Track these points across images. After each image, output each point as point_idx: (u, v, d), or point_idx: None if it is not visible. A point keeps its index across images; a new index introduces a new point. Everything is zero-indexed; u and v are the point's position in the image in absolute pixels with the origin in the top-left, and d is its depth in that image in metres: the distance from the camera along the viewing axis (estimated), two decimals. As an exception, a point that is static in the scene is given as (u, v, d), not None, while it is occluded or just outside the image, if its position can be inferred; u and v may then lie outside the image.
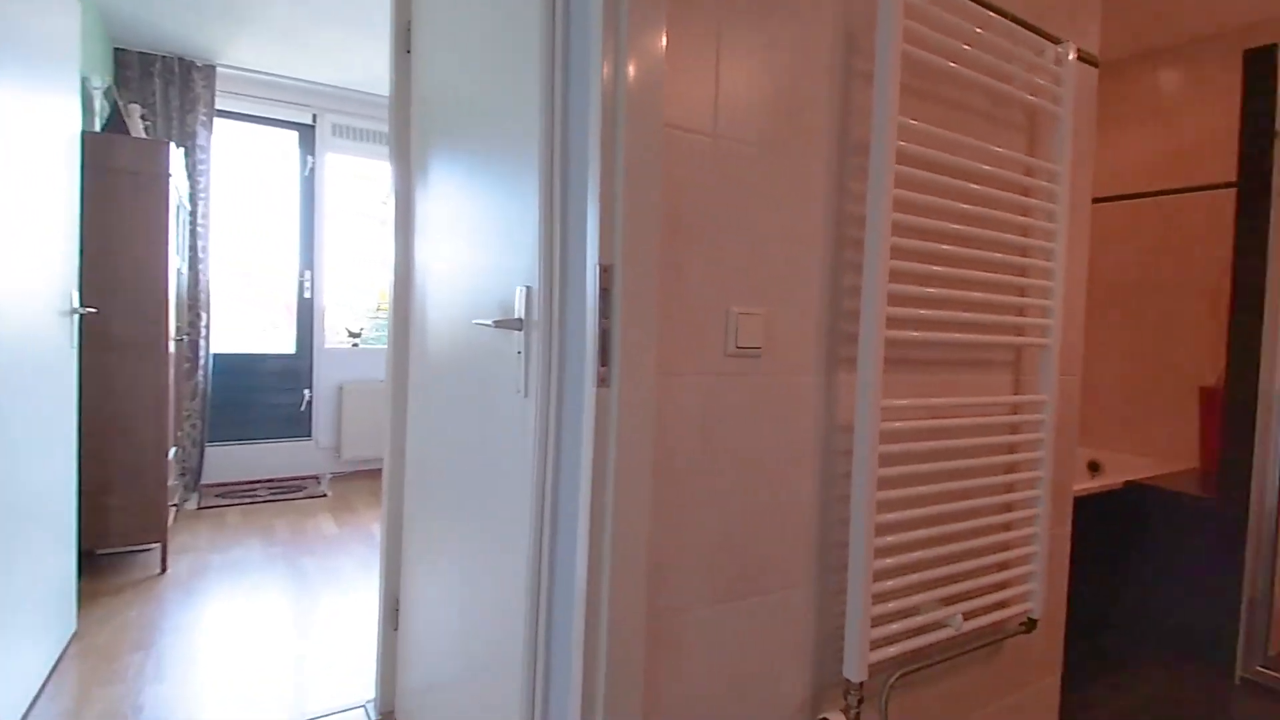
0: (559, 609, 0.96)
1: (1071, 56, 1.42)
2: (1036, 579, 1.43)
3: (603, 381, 0.84)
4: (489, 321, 1.02)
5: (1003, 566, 1.42)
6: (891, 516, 1.17)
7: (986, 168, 1.30)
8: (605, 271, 0.84)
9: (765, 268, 1.08)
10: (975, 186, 1.28)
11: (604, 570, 0.85)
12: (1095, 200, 2.78)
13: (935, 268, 1.23)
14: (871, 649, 1.16)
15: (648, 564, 0.92)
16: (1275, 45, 2.05)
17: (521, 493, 1.01)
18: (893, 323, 1.23)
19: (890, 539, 1.17)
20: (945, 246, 1.24)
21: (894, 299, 1.23)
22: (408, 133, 1.72)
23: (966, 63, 1.27)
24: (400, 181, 1.73)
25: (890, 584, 1.18)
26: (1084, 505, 2.18)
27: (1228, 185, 2.65)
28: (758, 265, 1.07)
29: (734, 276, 1.04)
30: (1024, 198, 1.38)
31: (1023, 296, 1.44)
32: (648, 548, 0.90)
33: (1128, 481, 2.38)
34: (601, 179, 0.84)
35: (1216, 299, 2.69)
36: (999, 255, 1.34)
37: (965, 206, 1.26)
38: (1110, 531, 2.37)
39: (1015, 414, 1.46)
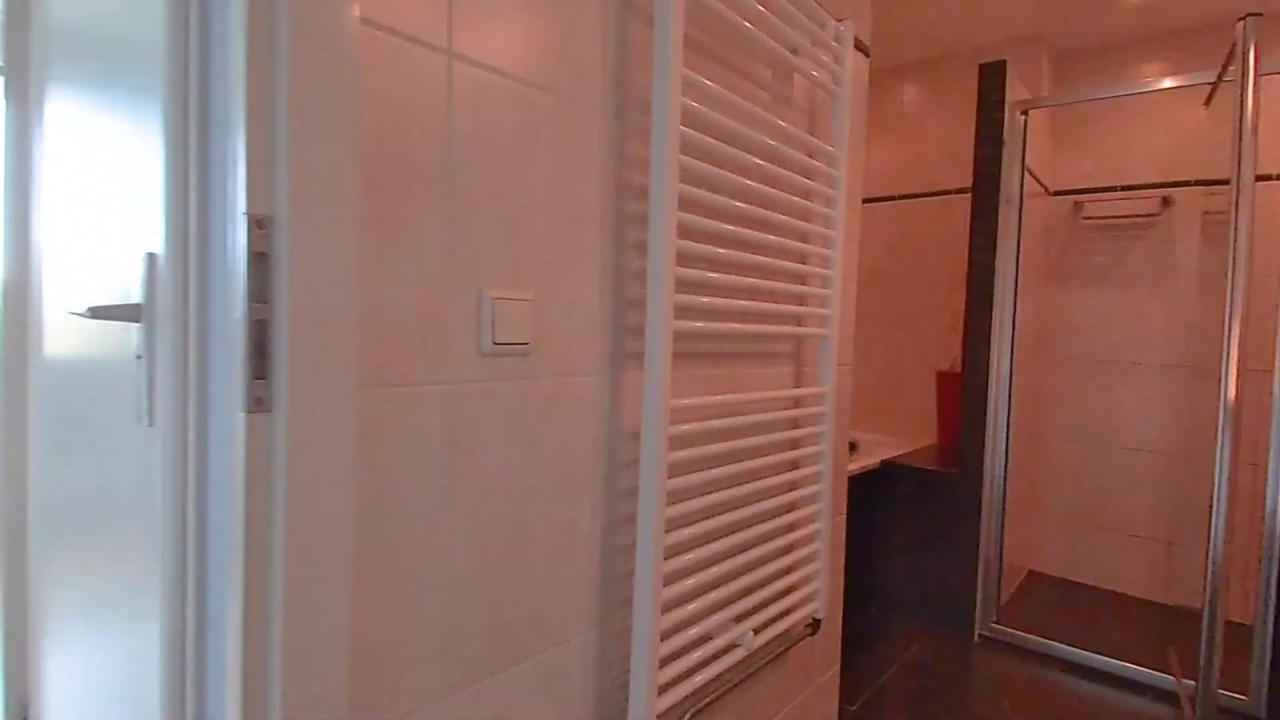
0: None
1: (851, 38, 1.36)
2: (821, 576, 1.37)
3: (259, 404, 0.54)
4: (84, 310, 0.66)
5: (789, 569, 1.33)
6: (682, 534, 1.00)
7: (773, 143, 1.18)
8: (260, 227, 0.53)
9: (533, 241, 0.84)
10: (763, 163, 1.15)
11: (271, 691, 0.56)
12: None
13: (724, 251, 1.07)
14: (661, 693, 0.98)
15: (354, 662, 0.64)
16: (1005, 61, 2.25)
17: (148, 575, 0.67)
18: (681, 312, 1.05)
19: (680, 560, 1.00)
20: (733, 228, 1.09)
21: (682, 286, 1.06)
22: (26, 73, 1.22)
23: (752, 18, 1.13)
24: (16, 131, 1.22)
25: (681, 613, 1.01)
26: (848, 485, 2.27)
27: (961, 191, 2.94)
28: (522, 237, 0.82)
29: (490, 250, 0.79)
30: (807, 181, 1.29)
31: (804, 285, 1.36)
32: (350, 641, 0.62)
33: (884, 460, 2.53)
34: (251, 82, 0.53)
35: (951, 292, 2.98)
36: (784, 241, 1.23)
37: (753, 184, 1.13)
38: (869, 508, 2.51)
39: (798, 408, 1.39)
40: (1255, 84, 1.48)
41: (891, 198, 3.17)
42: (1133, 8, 2.48)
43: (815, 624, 1.37)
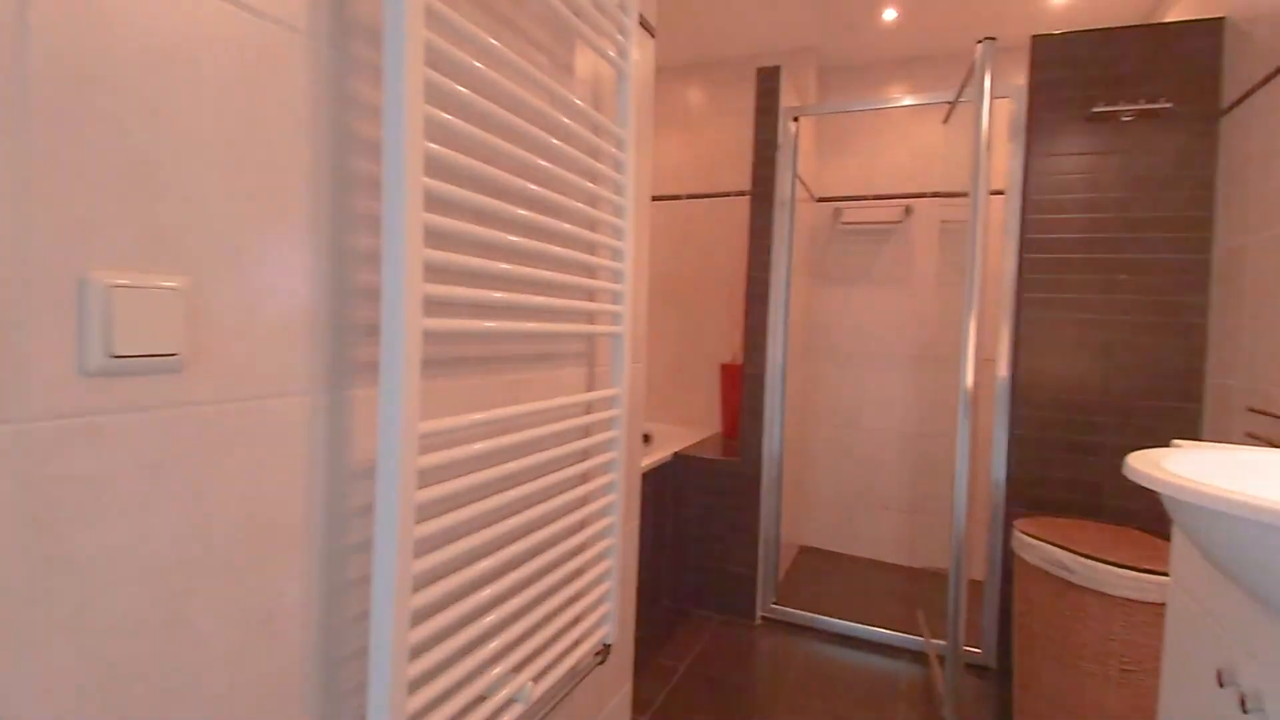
0: None
1: (636, 11, 1.23)
2: (613, 596, 1.24)
3: None
4: None
5: (577, 596, 1.18)
6: (434, 591, 0.79)
7: (553, 113, 1.00)
8: None
9: (190, 201, 0.57)
10: (540, 133, 0.97)
11: None
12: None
13: (496, 233, 0.88)
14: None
15: None
16: (779, 67, 2.30)
17: None
18: (438, 308, 0.84)
19: (434, 623, 0.79)
20: (504, 205, 0.89)
21: (437, 274, 0.84)
22: None
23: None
24: None
25: (433, 689, 0.80)
26: (643, 480, 2.20)
27: (742, 193, 3.02)
28: (170, 194, 0.56)
29: (107, 211, 0.51)
30: (594, 162, 1.14)
31: (594, 279, 1.21)
32: None
33: (676, 453, 2.51)
34: None
35: (732, 289, 3.07)
36: (570, 228, 1.06)
37: (529, 157, 0.94)
38: (661, 501, 2.48)
39: (590, 413, 1.24)
40: (991, 103, 1.63)
41: (678, 197, 3.18)
42: (885, 30, 2.70)
43: (606, 649, 1.24)
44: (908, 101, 2.30)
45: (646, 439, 3.11)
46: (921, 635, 2.22)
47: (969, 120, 2.71)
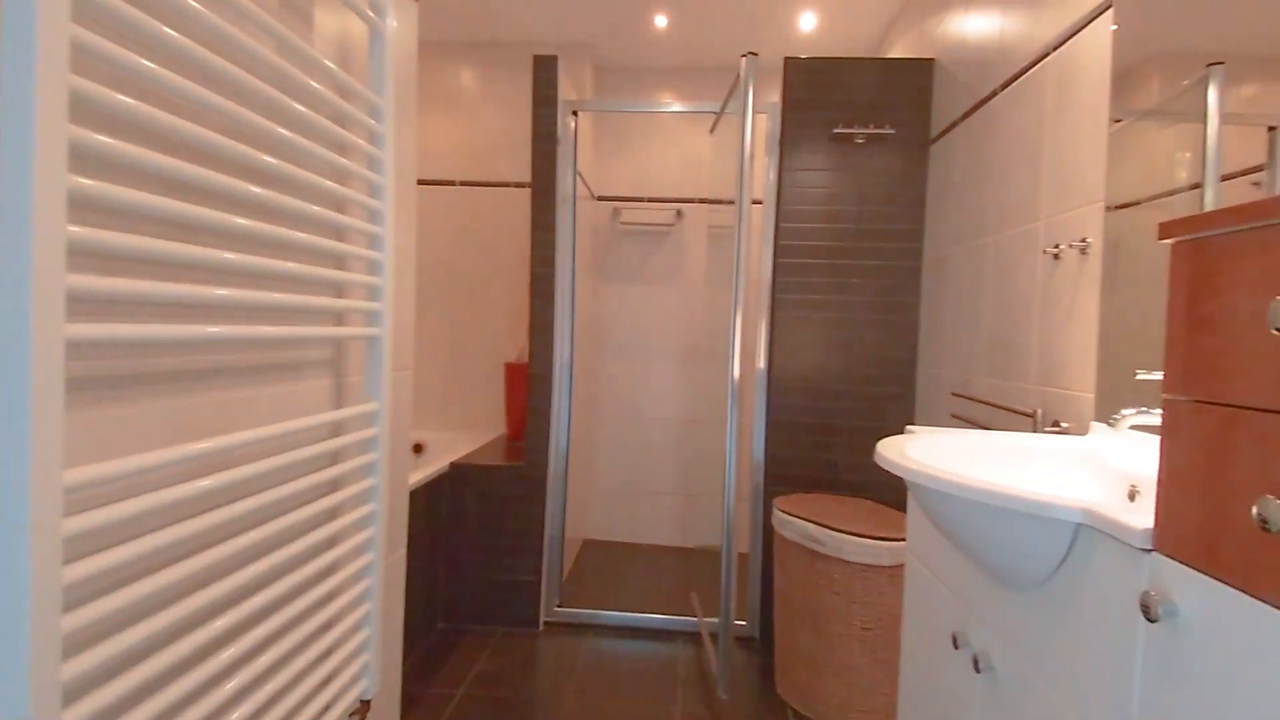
0: None
1: (394, -42, 1.05)
2: (372, 645, 1.06)
3: None
4: None
5: (327, 653, 0.98)
6: (111, 691, 0.57)
7: (285, 64, 0.80)
8: None
9: None
10: (263, 86, 0.76)
11: None
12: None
13: (196, 208, 0.66)
14: None
15: None
16: (557, 57, 2.22)
17: None
18: (85, 310, 0.61)
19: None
20: (209, 173, 0.68)
21: (95, 260, 0.61)
22: None
23: None
24: None
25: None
26: (415, 496, 1.99)
27: (522, 185, 2.90)
28: None
29: None
30: (342, 131, 0.95)
31: (343, 271, 1.02)
32: None
33: (452, 463, 2.32)
34: None
35: (516, 284, 2.93)
36: (314, 208, 0.86)
37: (249, 115, 0.73)
38: (436, 516, 2.28)
39: (341, 435, 1.04)
40: (753, 117, 1.71)
41: (453, 182, 2.96)
42: (657, 36, 2.76)
43: (366, 706, 1.06)
44: (677, 108, 2.36)
45: (418, 449, 2.86)
46: (696, 615, 2.31)
47: (733, 131, 2.88)
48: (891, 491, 2.16)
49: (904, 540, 1.48)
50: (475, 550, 2.32)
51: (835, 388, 2.25)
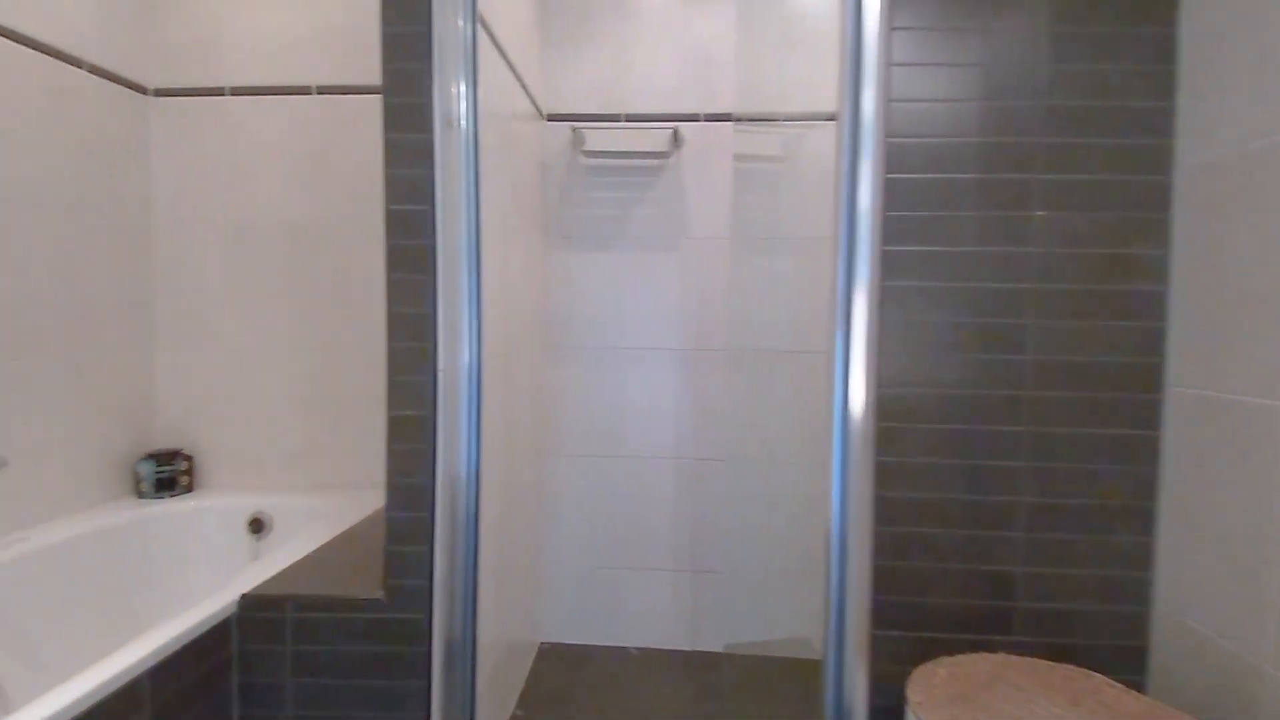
0: None
1: None
2: None
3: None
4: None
5: None
6: None
7: None
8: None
9: None
10: None
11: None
12: None
13: None
14: None
15: None
16: None
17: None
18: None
19: None
20: None
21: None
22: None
23: None
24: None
25: None
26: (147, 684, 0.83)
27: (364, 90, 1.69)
28: None
29: None
30: None
31: None
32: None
33: (243, 596, 1.15)
34: None
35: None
36: None
37: None
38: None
39: None
40: None
41: (308, 89, 1.76)
42: None
43: None
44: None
45: (257, 526, 1.68)
46: None
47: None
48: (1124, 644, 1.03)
49: None
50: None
51: (1000, 427, 1.11)
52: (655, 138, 1.89)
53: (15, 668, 1.22)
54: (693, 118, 1.88)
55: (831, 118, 1.73)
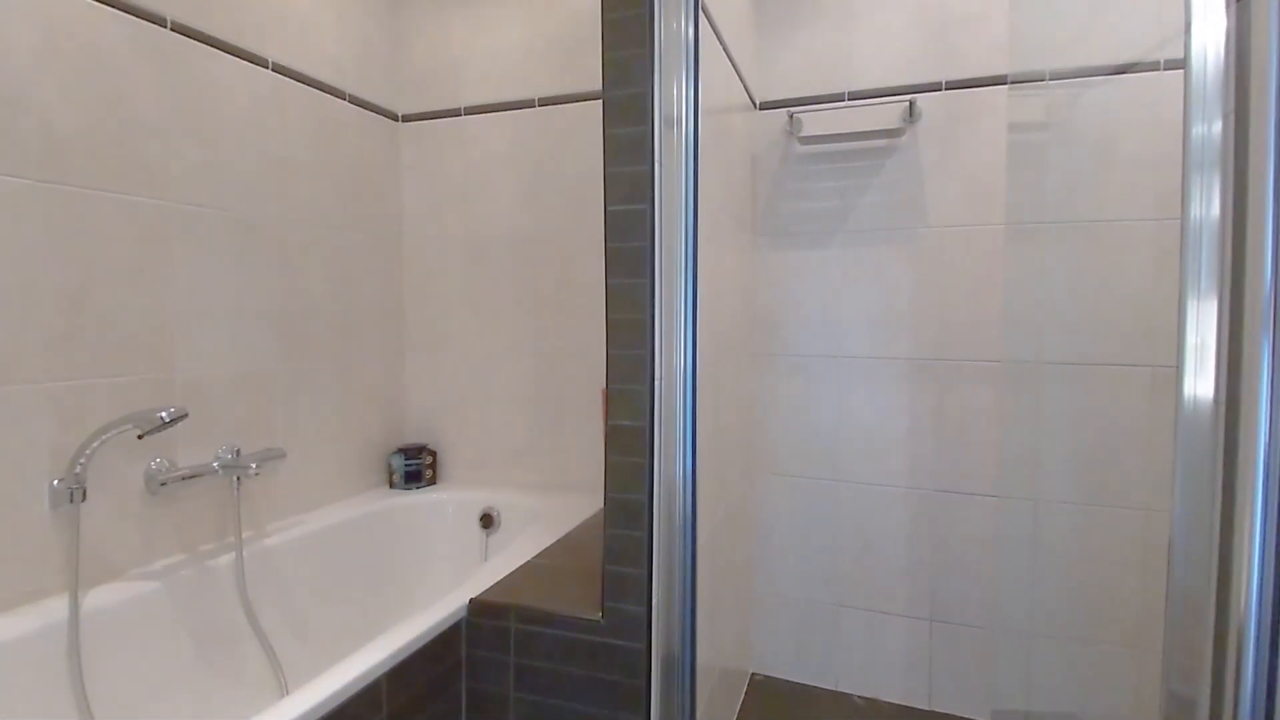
0: None
1: None
2: None
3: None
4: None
5: None
6: None
7: None
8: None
9: None
10: None
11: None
12: None
13: None
14: None
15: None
16: None
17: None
18: None
19: None
20: None
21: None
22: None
23: None
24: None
25: None
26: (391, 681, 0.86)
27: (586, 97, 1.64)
28: None
29: None
30: None
31: None
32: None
33: (471, 600, 1.17)
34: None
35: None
36: None
37: None
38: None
39: None
40: None
41: (531, 103, 1.80)
42: None
43: None
44: None
45: (487, 521, 1.76)
46: None
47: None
48: None
49: None
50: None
51: None
52: (884, 114, 1.64)
53: (290, 641, 1.38)
54: (933, 87, 1.61)
55: (1121, 70, 1.37)
